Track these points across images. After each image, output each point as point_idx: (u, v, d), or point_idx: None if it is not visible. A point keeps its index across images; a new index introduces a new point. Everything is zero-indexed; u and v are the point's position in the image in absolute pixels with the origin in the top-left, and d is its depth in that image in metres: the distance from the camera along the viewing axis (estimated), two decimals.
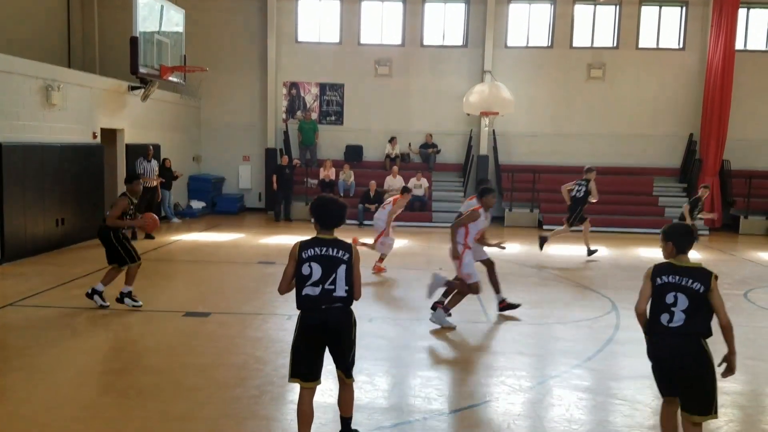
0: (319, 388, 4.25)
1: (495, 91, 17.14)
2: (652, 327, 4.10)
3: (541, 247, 13.04)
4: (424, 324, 7.77)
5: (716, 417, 3.99)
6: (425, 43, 19.62)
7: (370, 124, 19.76)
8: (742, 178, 18.16)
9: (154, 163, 14.59)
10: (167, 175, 15.73)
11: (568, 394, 5.64)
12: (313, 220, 4.33)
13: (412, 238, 14.96)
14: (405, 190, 11.72)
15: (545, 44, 19.46)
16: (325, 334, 4.13)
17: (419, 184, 18.04)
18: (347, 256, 4.17)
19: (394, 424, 4.86)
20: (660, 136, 19.30)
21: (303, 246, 4.19)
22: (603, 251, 14.27)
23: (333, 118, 19.97)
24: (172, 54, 15.61)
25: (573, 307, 9.03)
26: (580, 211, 13.17)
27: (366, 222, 17.38)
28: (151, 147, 14.84)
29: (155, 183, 14.50)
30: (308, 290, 4.10)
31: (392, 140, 19.35)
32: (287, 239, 13.91)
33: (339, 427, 4.70)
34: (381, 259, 10.98)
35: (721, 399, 5.43)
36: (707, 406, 3.90)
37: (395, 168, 18.39)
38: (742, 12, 18.38)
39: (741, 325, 8.22)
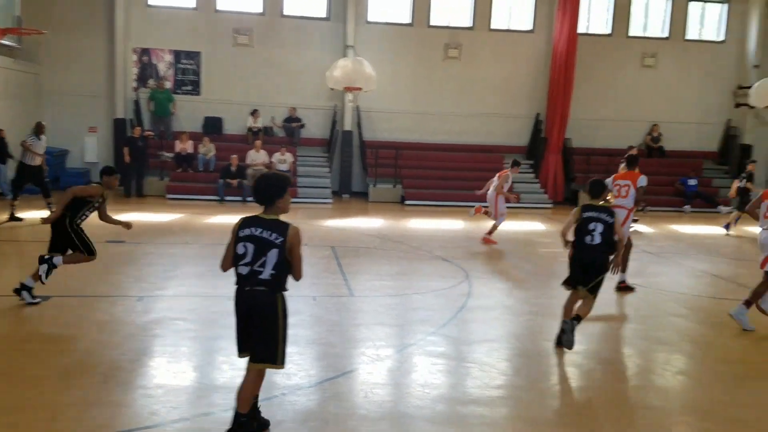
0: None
1: (358, 66, 17.19)
2: (579, 245, 6.14)
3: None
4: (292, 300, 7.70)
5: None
6: (286, 12, 19.20)
7: (230, 95, 19.09)
8: (583, 155, 19.73)
9: (44, 139, 12.89)
10: (1, 147, 14.21)
11: (423, 360, 5.86)
12: None
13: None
14: (515, 163, 12.53)
15: (406, 21, 19.77)
16: (246, 316, 4.06)
17: (283, 159, 17.77)
18: (280, 240, 3.99)
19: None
20: (511, 115, 20.38)
21: (242, 224, 4.07)
22: (459, 225, 14.93)
23: (189, 87, 19.06)
24: (5, 15, 14.03)
25: (431, 277, 9.38)
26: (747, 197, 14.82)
27: (228, 198, 16.88)
28: (42, 122, 13.07)
29: (40, 161, 12.85)
30: (240, 269, 4.04)
31: (254, 113, 18.85)
32: (138, 217, 13.15)
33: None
34: (491, 232, 12.16)
35: (589, 363, 5.97)
36: (594, 287, 6.16)
37: (258, 142, 17.96)
38: None
39: None
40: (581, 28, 19.64)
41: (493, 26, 20.01)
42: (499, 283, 9.21)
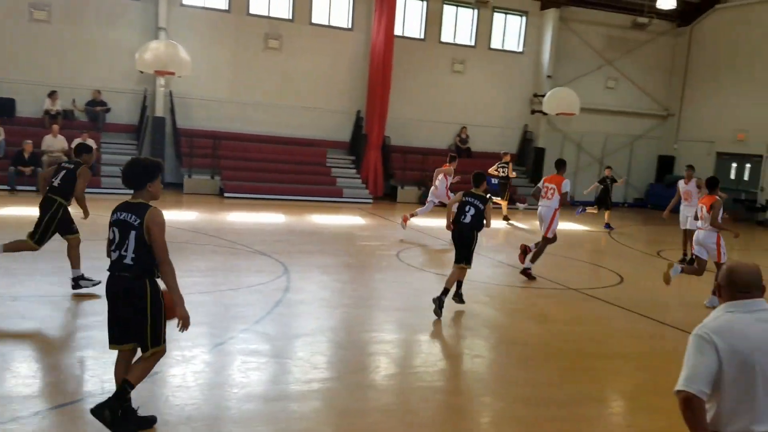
0: None
1: (171, 50, 16.27)
2: (457, 222, 7.69)
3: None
4: (84, 302, 7.05)
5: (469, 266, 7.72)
6: None
7: (24, 74, 17.07)
8: (400, 153, 20.54)
9: None
10: None
11: (233, 359, 5.68)
12: None
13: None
14: (452, 159, 13.43)
15: (223, 7, 19.08)
16: (116, 302, 4.05)
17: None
18: (138, 221, 3.98)
19: (34, 413, 4.30)
20: (333, 110, 20.57)
21: (114, 209, 4.11)
22: (280, 218, 14.78)
23: None
24: None
25: (247, 272, 9.16)
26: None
27: (20, 188, 15.10)
28: None
29: None
30: (112, 255, 4.06)
31: (52, 95, 17.03)
32: None
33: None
34: (413, 215, 13.16)
35: (400, 352, 6.12)
36: (467, 257, 7.69)
37: (56, 126, 16.28)
38: (400, 1, 20.30)
39: (393, 281, 9.32)
40: (397, 31, 20.36)
41: (313, 20, 20.04)
42: (317, 276, 9.24)
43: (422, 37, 21.50)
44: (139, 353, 4.18)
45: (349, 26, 20.55)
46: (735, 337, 2.63)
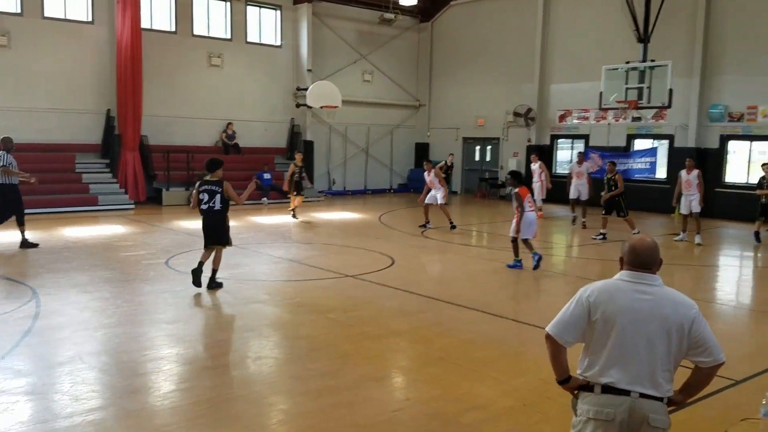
0: None
1: None
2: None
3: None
4: None
5: None
6: None
7: None
8: (161, 152, 19.28)
9: None
10: None
11: None
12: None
13: None
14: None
15: None
16: (211, 226, 8.49)
17: None
18: (219, 189, 8.35)
19: None
20: (78, 111, 18.62)
21: (200, 183, 8.43)
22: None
23: None
24: None
25: None
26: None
27: None
28: None
29: None
30: (203, 206, 8.38)
31: None
32: None
33: None
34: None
35: (176, 368, 5.61)
36: None
37: None
38: None
39: (163, 291, 8.72)
40: (145, 24, 19.07)
41: (46, 14, 17.91)
42: (74, 296, 8.27)
43: (173, 30, 20.41)
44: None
45: (89, 19, 18.73)
46: (605, 298, 3.04)
